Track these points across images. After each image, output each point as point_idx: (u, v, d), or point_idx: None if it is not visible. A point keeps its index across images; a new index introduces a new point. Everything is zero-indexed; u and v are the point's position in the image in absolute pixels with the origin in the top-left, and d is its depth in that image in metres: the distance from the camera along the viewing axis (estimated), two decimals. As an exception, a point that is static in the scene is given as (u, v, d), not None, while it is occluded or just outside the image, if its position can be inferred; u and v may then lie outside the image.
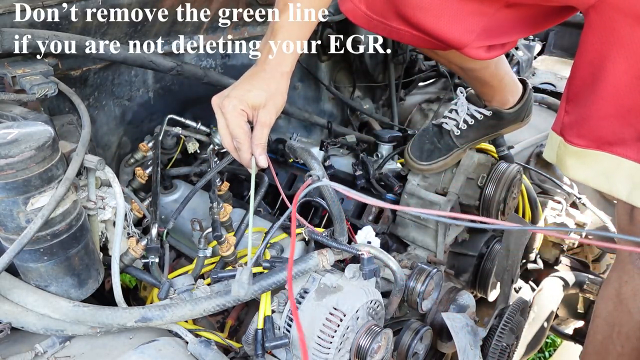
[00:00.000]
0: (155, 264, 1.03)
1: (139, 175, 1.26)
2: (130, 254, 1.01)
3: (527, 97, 1.47)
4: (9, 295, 0.82)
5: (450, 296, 1.23)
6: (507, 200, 1.42)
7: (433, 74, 2.30)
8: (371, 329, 0.93)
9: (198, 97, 1.52)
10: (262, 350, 0.90)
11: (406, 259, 1.32)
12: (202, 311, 0.87)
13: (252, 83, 0.97)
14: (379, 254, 0.97)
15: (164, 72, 1.26)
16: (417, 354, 1.09)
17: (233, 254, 1.07)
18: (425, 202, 1.39)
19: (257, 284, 0.88)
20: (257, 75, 0.98)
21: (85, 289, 0.89)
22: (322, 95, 1.99)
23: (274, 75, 0.98)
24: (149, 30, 1.28)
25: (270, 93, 0.96)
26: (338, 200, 0.97)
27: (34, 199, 0.75)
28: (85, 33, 1.12)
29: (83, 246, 0.85)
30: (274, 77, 0.98)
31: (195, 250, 1.08)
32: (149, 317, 0.84)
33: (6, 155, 0.71)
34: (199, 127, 1.34)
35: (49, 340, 0.84)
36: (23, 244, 0.73)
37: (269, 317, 0.92)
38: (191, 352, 0.87)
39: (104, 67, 1.27)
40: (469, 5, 1.00)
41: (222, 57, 1.55)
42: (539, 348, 1.72)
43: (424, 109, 2.21)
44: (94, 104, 1.29)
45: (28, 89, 0.92)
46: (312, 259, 0.92)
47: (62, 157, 0.80)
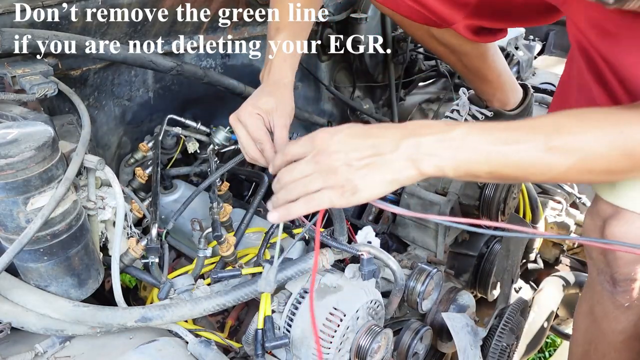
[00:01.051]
0: (155, 264, 1.03)
1: (139, 175, 1.26)
2: (130, 254, 1.01)
3: (529, 102, 1.48)
4: (9, 295, 0.82)
5: (450, 296, 1.23)
6: (507, 200, 1.42)
7: (433, 74, 2.29)
8: (371, 329, 0.93)
9: (198, 97, 1.52)
10: (262, 350, 0.90)
11: (406, 259, 1.32)
12: (202, 311, 0.87)
13: (259, 95, 1.01)
14: (379, 254, 0.97)
15: (164, 72, 1.26)
16: (417, 354, 1.09)
17: (233, 254, 1.07)
18: (425, 202, 1.39)
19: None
20: (262, 90, 1.03)
21: (85, 289, 0.89)
22: (322, 95, 1.99)
23: (277, 87, 1.02)
24: (149, 30, 1.28)
25: (277, 100, 0.99)
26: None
27: (34, 199, 0.75)
28: (85, 33, 1.12)
29: (83, 246, 0.85)
30: (278, 88, 1.02)
31: (195, 250, 1.08)
32: (149, 317, 0.84)
33: (6, 155, 0.71)
34: (199, 127, 1.34)
35: (49, 340, 0.84)
36: (23, 244, 0.73)
37: (269, 317, 0.92)
38: (191, 352, 0.87)
39: (104, 67, 1.27)
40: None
41: (222, 57, 1.55)
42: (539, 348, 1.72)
43: (424, 109, 2.20)
44: (94, 104, 1.29)
45: (28, 89, 0.92)
46: (311, 258, 0.92)
47: (62, 157, 0.80)
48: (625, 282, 0.95)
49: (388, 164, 0.78)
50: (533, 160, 0.76)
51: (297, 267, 0.91)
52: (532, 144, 0.75)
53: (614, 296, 0.98)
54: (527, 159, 0.76)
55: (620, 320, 1.01)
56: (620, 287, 0.96)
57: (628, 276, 0.93)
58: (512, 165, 0.77)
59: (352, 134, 0.81)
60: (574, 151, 0.75)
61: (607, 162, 0.76)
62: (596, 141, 0.75)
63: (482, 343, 1.18)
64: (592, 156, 0.75)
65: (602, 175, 0.80)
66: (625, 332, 1.01)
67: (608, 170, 0.78)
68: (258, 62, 1.63)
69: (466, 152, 0.77)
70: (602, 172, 0.78)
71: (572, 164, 0.75)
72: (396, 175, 0.79)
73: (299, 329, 0.91)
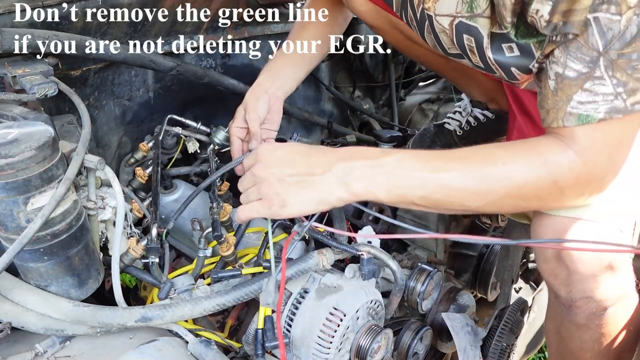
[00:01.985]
0: (156, 264, 1.03)
1: (139, 175, 1.25)
2: (130, 254, 1.01)
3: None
4: (9, 295, 0.82)
5: (450, 296, 1.23)
6: (507, 200, 1.42)
7: (433, 73, 2.30)
8: (371, 329, 0.94)
9: (198, 97, 1.52)
10: (262, 350, 0.90)
11: (406, 259, 1.32)
12: (202, 311, 0.87)
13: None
14: (379, 254, 0.97)
15: (164, 72, 1.26)
16: (417, 354, 1.09)
17: (233, 253, 1.07)
18: (426, 202, 1.38)
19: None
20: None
21: (86, 289, 0.89)
22: (322, 95, 1.99)
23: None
24: (149, 30, 1.28)
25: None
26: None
27: (34, 198, 0.75)
28: (85, 33, 1.12)
29: (83, 246, 0.85)
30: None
31: (196, 250, 1.08)
32: (149, 316, 0.84)
33: (6, 155, 0.71)
34: (199, 127, 1.34)
35: (49, 340, 0.84)
36: (23, 243, 0.73)
37: (269, 317, 0.92)
38: (191, 352, 0.87)
39: (104, 67, 1.27)
40: None
41: (222, 57, 1.55)
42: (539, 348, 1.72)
43: (424, 109, 2.21)
44: (94, 104, 1.29)
45: (28, 89, 0.92)
46: (311, 258, 0.92)
47: (62, 157, 0.80)
48: (581, 301, 0.94)
49: (317, 184, 0.84)
50: (466, 186, 0.82)
51: (297, 267, 0.91)
52: (464, 172, 0.82)
53: (572, 317, 0.98)
54: (459, 185, 0.82)
55: (584, 340, 1.00)
56: (577, 309, 0.96)
57: (583, 294, 0.93)
58: (446, 191, 0.82)
59: (292, 152, 0.88)
60: (504, 179, 0.81)
61: (535, 189, 0.81)
62: (524, 169, 0.81)
63: (482, 343, 1.18)
64: (522, 183, 0.81)
65: (534, 202, 0.85)
66: (591, 350, 1.01)
67: (538, 197, 0.83)
68: (258, 62, 1.63)
69: (399, 178, 0.83)
70: (533, 198, 0.83)
71: (505, 192, 0.82)
72: (325, 196, 0.84)
73: (299, 329, 0.91)
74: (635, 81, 0.74)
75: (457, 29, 0.92)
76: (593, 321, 0.96)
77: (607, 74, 0.75)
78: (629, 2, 0.69)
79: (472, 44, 0.92)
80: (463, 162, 0.84)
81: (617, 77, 0.74)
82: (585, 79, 0.76)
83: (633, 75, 0.74)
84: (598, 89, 0.76)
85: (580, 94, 0.77)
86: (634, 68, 0.73)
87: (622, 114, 0.76)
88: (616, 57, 0.73)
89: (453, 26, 0.92)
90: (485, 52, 0.91)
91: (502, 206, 0.88)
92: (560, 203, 0.87)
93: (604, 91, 0.76)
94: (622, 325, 0.97)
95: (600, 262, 0.88)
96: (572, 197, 0.85)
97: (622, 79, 0.74)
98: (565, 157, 0.80)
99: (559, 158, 0.80)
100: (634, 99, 0.75)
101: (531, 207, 0.90)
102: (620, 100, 0.75)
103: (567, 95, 0.79)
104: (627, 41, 0.71)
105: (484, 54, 0.91)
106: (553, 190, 0.82)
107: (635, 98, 0.75)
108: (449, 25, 0.93)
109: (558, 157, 0.80)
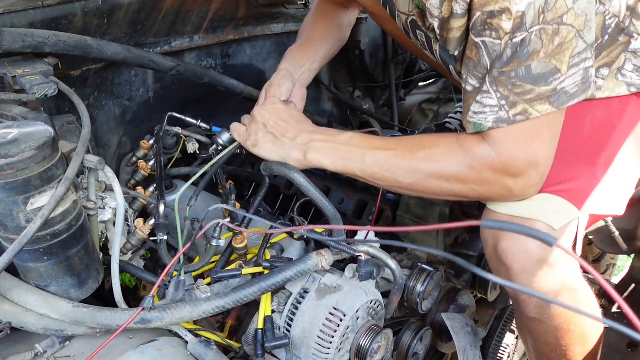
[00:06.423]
0: (164, 242, 1.02)
1: (142, 168, 1.25)
2: (137, 234, 1.00)
3: None
4: (9, 295, 0.82)
5: (451, 296, 1.23)
6: (507, 200, 1.42)
7: (433, 73, 2.30)
8: (371, 329, 0.94)
9: (198, 97, 1.52)
10: (262, 350, 0.90)
11: (406, 259, 1.31)
12: (202, 313, 0.86)
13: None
14: (379, 254, 0.97)
15: (164, 72, 1.26)
16: (417, 354, 1.09)
17: (245, 247, 1.06)
18: (426, 203, 1.38)
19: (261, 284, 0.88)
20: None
21: (85, 289, 0.89)
22: (322, 95, 1.99)
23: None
24: (149, 30, 1.28)
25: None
26: (325, 199, 0.97)
27: (34, 199, 0.75)
28: (85, 33, 1.12)
29: (83, 246, 0.85)
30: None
31: (195, 250, 1.08)
32: (149, 318, 0.84)
33: (6, 155, 0.71)
34: (199, 125, 1.34)
35: (48, 340, 0.84)
36: (23, 244, 0.73)
37: (269, 317, 0.92)
38: (191, 352, 0.87)
39: (104, 67, 1.27)
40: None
41: (222, 57, 1.55)
42: (539, 348, 1.71)
43: (424, 109, 2.21)
44: (94, 104, 1.29)
45: (28, 89, 0.92)
46: (310, 259, 0.92)
47: (62, 157, 0.80)
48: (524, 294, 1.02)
49: (283, 144, 1.02)
50: (397, 163, 0.95)
51: (295, 268, 0.91)
52: (397, 151, 0.96)
53: (524, 311, 1.04)
54: (391, 162, 0.96)
55: (541, 333, 1.04)
56: (523, 302, 1.03)
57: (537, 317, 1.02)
58: (380, 166, 0.96)
59: (284, 111, 1.06)
60: (427, 160, 0.94)
61: (455, 171, 0.92)
62: (444, 152, 0.93)
63: (482, 343, 1.18)
64: (442, 165, 0.93)
65: (458, 184, 0.94)
66: (552, 344, 1.04)
67: (460, 179, 0.93)
68: (258, 62, 1.63)
69: (344, 151, 0.99)
70: (454, 180, 0.93)
71: (429, 171, 0.94)
72: (284, 155, 1.01)
73: (299, 329, 0.91)
74: (515, 95, 0.85)
75: (411, 25, 1.05)
76: (542, 314, 1.01)
77: (492, 88, 0.87)
78: (505, 29, 0.81)
79: (424, 39, 1.05)
80: (399, 144, 0.98)
81: (501, 91, 0.86)
82: (477, 92, 0.89)
83: (513, 90, 0.85)
84: (486, 102, 0.88)
85: (474, 105, 0.90)
86: (514, 84, 0.85)
87: (507, 124, 0.87)
88: (498, 75, 0.85)
89: (408, 23, 1.06)
90: (433, 46, 1.03)
91: (429, 186, 0.96)
92: (488, 188, 0.94)
93: (490, 103, 0.87)
94: (573, 317, 1.00)
95: (528, 257, 0.96)
96: (498, 184, 0.92)
97: (504, 94, 0.86)
98: (479, 146, 0.90)
99: (474, 146, 0.91)
100: (515, 110, 0.86)
101: (457, 190, 0.96)
102: (504, 112, 0.87)
103: (467, 105, 0.91)
104: (504, 61, 0.84)
105: (432, 49, 1.04)
106: (472, 174, 0.92)
107: (516, 110, 0.86)
108: (406, 22, 1.06)
109: (473, 145, 0.91)
